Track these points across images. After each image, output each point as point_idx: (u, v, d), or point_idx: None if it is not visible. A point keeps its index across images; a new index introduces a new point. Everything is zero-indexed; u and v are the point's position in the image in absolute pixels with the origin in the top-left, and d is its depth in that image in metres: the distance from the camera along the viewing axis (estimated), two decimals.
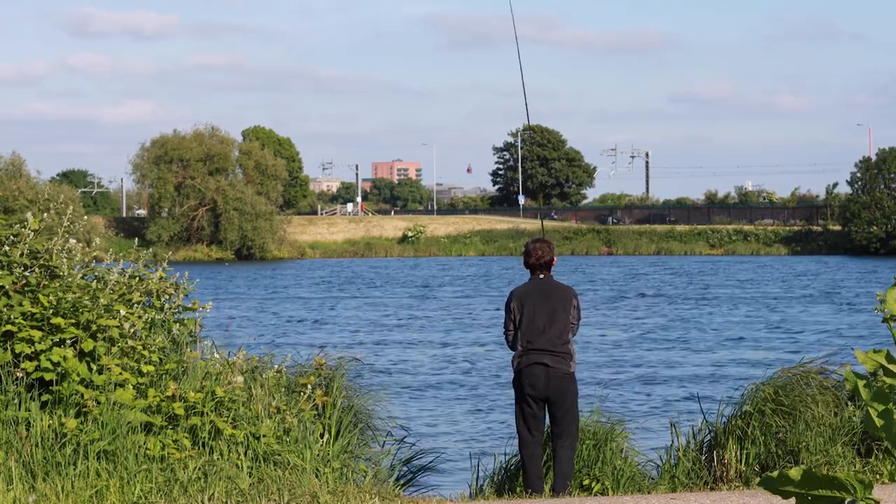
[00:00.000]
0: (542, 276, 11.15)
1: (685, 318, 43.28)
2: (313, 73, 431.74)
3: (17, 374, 9.42)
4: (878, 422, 3.34)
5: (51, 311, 9.56)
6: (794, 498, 3.35)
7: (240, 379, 9.99)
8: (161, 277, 10.77)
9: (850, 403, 11.62)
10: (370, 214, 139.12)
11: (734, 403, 11.85)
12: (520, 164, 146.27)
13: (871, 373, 3.40)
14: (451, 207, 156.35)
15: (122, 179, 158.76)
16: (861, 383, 3.36)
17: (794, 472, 3.33)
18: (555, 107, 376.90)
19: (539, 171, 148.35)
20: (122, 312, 9.71)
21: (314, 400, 10.69)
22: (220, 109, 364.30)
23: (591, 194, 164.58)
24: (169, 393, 9.71)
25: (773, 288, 60.27)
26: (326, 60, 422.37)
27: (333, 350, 11.75)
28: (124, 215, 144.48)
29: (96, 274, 10.48)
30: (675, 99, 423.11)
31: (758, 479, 11.05)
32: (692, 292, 57.50)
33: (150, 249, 12.59)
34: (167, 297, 10.79)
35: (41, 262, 9.92)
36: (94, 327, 9.62)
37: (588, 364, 27.76)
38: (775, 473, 3.36)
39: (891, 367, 3.38)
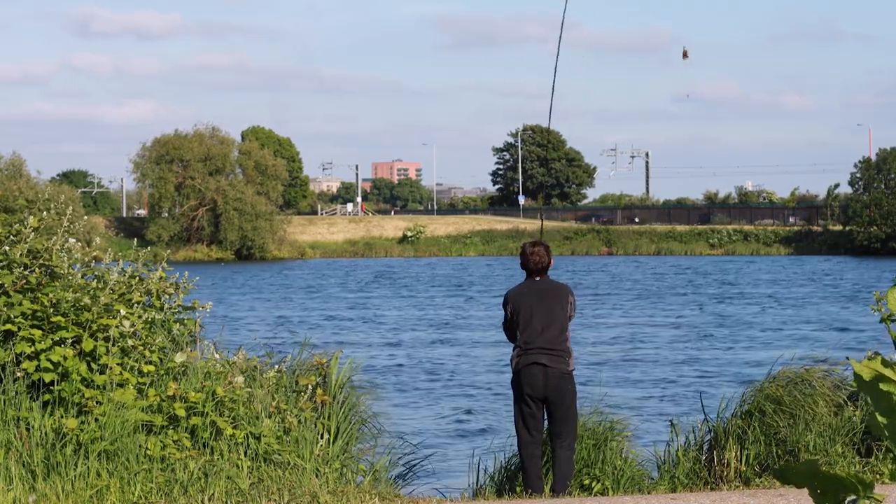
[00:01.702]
0: (537, 278, 11.14)
1: (686, 317, 43.28)
2: (316, 72, 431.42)
3: (18, 373, 9.42)
4: (882, 419, 3.33)
5: (51, 309, 9.56)
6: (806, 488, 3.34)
7: (240, 379, 9.99)
8: (161, 277, 10.76)
9: (849, 403, 11.62)
10: (370, 214, 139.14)
11: (734, 403, 11.85)
12: (520, 165, 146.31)
13: (870, 380, 3.38)
14: (451, 207, 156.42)
15: (122, 179, 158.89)
16: (865, 373, 3.35)
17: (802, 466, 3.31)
18: (561, 107, 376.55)
19: (539, 171, 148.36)
20: (123, 312, 9.71)
21: (314, 399, 10.69)
22: (222, 109, 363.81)
23: (592, 194, 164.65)
24: (169, 393, 9.71)
25: (774, 288, 60.28)
26: (329, 60, 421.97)
27: (333, 350, 11.75)
28: (124, 215, 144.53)
29: (96, 273, 10.48)
30: (679, 99, 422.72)
31: (758, 479, 11.05)
32: (693, 291, 57.49)
33: (150, 249, 12.59)
34: (167, 296, 10.79)
35: (41, 261, 9.91)
36: (94, 327, 9.61)
37: (589, 363, 27.74)
38: (786, 466, 3.34)
39: (887, 373, 3.37)
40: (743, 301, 51.23)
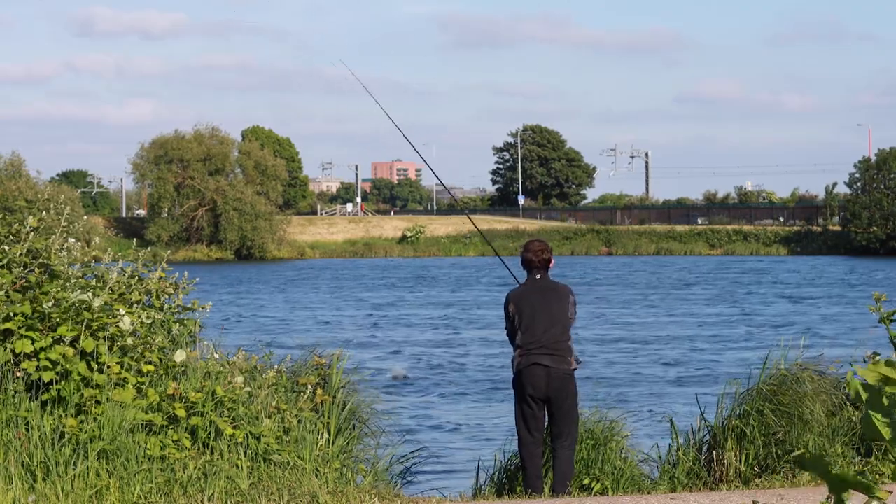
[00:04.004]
0: (538, 276, 11.12)
1: (685, 316, 43.28)
2: (318, 72, 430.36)
3: (17, 373, 9.41)
4: (886, 432, 3.32)
5: (51, 305, 9.55)
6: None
7: (240, 379, 9.99)
8: (160, 277, 10.76)
9: (848, 403, 11.61)
10: (370, 214, 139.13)
11: (733, 403, 11.84)
12: (519, 164, 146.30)
13: (875, 384, 3.37)
14: (451, 207, 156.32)
15: (121, 179, 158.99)
16: (871, 377, 3.34)
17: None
18: (561, 106, 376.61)
19: (539, 171, 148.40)
20: (122, 311, 9.70)
21: (314, 400, 10.68)
22: (225, 109, 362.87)
23: (591, 194, 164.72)
24: (169, 392, 9.71)
25: (777, 287, 60.28)
26: (331, 60, 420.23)
27: (333, 349, 11.74)
28: (124, 215, 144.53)
29: (95, 273, 10.47)
30: (681, 99, 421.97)
31: (758, 479, 11.05)
32: (694, 291, 57.50)
33: (150, 249, 12.58)
34: (167, 296, 10.78)
35: (40, 261, 9.91)
36: (94, 326, 9.61)
37: (589, 363, 27.75)
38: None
39: (893, 375, 3.35)
40: (742, 300, 51.23)
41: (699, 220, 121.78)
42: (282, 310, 48.85)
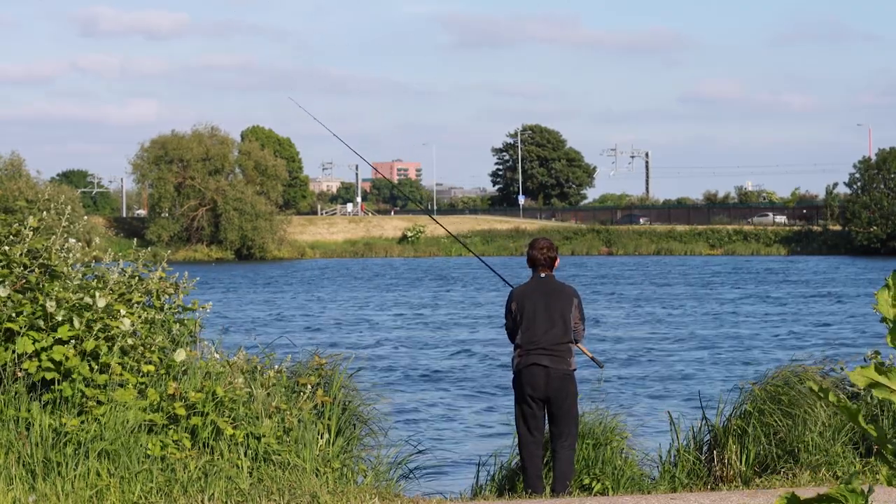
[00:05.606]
0: (543, 274, 11.10)
1: (686, 316, 43.28)
2: (321, 73, 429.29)
3: (18, 373, 9.41)
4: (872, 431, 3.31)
5: (53, 303, 9.55)
6: None
7: (240, 379, 9.99)
8: (161, 277, 10.75)
9: (849, 402, 11.61)
10: (370, 214, 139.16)
11: (734, 403, 11.84)
12: (519, 164, 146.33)
13: (864, 388, 3.37)
14: (451, 207, 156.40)
15: (121, 179, 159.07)
16: (861, 381, 3.33)
17: (779, 502, 3.30)
18: (561, 106, 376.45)
19: (539, 171, 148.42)
20: (123, 312, 9.70)
21: (314, 400, 10.68)
22: (226, 109, 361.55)
23: (592, 194, 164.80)
24: (170, 392, 9.71)
25: (777, 287, 60.28)
26: (334, 60, 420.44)
27: (333, 349, 11.75)
28: (124, 215, 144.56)
29: (96, 273, 10.47)
30: (681, 99, 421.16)
31: (758, 479, 11.05)
32: (693, 291, 57.49)
33: (150, 249, 12.58)
34: (167, 296, 10.78)
35: (41, 261, 9.91)
36: (94, 326, 9.60)
37: (588, 363, 27.72)
38: None
39: (881, 380, 3.36)
40: (742, 300, 51.22)
41: (641, 221, 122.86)
42: (282, 309, 48.86)
